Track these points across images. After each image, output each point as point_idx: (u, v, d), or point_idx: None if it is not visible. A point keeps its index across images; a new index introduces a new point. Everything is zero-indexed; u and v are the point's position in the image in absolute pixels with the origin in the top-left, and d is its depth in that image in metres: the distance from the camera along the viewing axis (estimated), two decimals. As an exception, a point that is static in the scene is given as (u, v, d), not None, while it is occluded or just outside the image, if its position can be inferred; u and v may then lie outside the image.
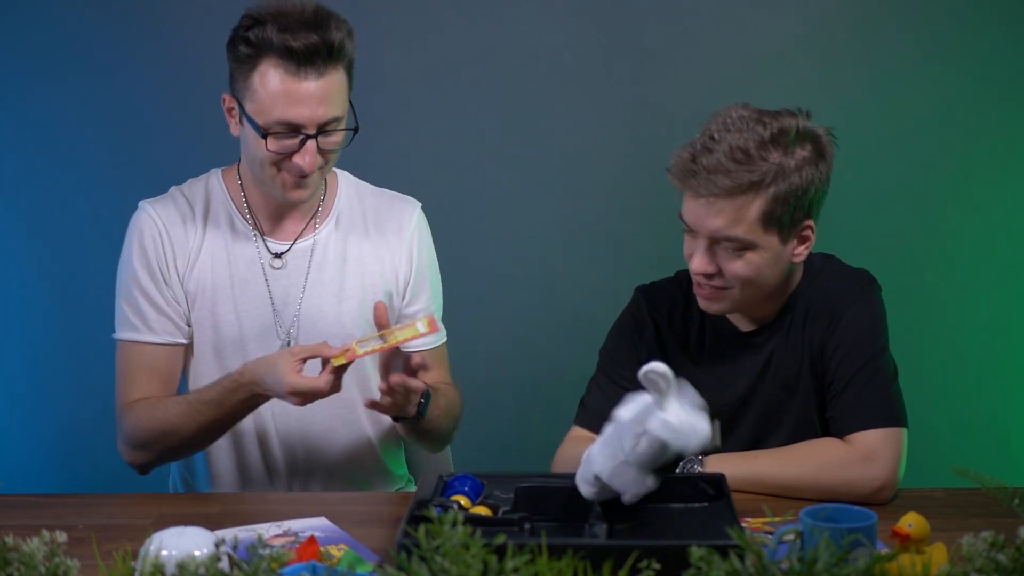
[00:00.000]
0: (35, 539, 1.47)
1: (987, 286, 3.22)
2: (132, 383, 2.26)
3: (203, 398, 2.20)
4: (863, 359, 2.09)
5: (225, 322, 2.28)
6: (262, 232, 2.31)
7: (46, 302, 3.27)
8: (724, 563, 1.39)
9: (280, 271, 2.30)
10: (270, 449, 2.32)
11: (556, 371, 3.24)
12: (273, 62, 2.12)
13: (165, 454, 2.26)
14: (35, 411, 3.30)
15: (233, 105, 2.20)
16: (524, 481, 1.87)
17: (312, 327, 2.29)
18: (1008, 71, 3.15)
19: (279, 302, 2.29)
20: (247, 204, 2.31)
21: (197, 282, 2.27)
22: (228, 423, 2.22)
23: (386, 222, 2.36)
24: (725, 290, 2.07)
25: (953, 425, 3.20)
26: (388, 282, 2.34)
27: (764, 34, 3.17)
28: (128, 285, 2.28)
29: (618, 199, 3.22)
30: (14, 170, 3.22)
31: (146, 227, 2.28)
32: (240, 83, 2.17)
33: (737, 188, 1.99)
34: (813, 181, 2.03)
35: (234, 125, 2.22)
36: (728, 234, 2.01)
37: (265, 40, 2.11)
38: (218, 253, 2.29)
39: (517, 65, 3.20)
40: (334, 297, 2.30)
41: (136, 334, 2.27)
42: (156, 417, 2.21)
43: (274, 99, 2.12)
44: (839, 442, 2.07)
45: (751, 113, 2.03)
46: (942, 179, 3.20)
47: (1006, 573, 1.41)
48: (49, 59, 3.18)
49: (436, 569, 1.39)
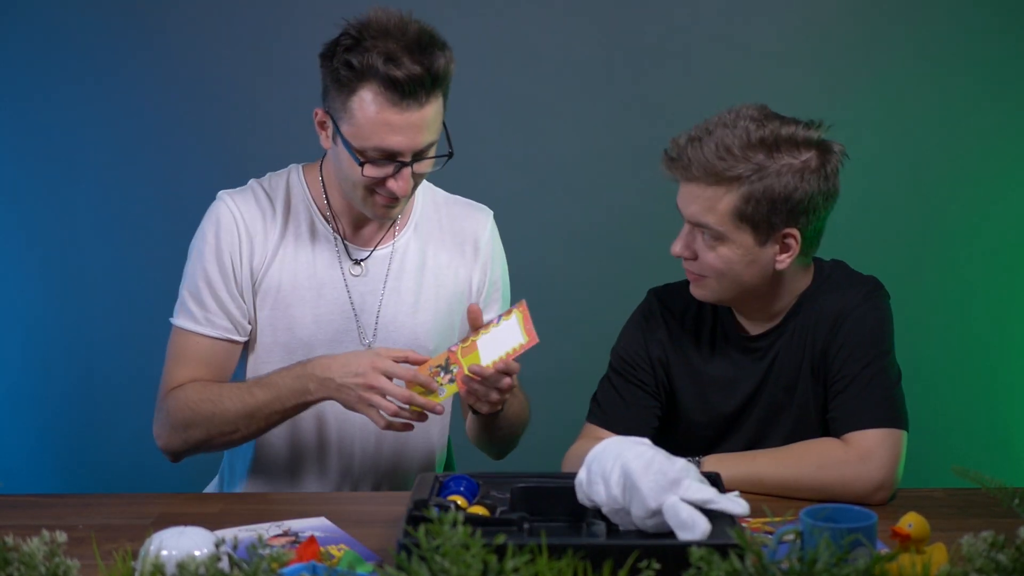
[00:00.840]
0: (35, 539, 1.47)
1: (987, 286, 3.22)
2: (182, 369, 2.22)
3: (259, 380, 2.17)
4: (866, 360, 2.10)
5: (300, 324, 2.24)
6: (343, 236, 2.28)
7: (46, 302, 3.27)
8: (724, 563, 1.39)
9: (359, 278, 2.28)
10: (326, 441, 2.29)
11: (557, 371, 3.24)
12: (375, 89, 2.07)
13: (205, 440, 2.19)
14: (35, 411, 3.30)
15: (326, 120, 2.16)
16: (520, 481, 1.87)
17: (388, 336, 2.27)
18: (1008, 71, 3.15)
19: (359, 308, 2.27)
20: (329, 206, 2.28)
21: (273, 282, 2.24)
22: (277, 411, 2.16)
23: (462, 231, 2.35)
24: (704, 278, 2.10)
25: (953, 425, 3.20)
26: (462, 292, 2.33)
27: (764, 34, 3.17)
28: (195, 274, 2.24)
29: (618, 199, 3.22)
30: (14, 170, 3.23)
31: (224, 219, 2.24)
32: (336, 103, 2.11)
33: (711, 179, 2.02)
34: (800, 190, 2.03)
35: (325, 138, 2.18)
36: (701, 221, 2.05)
37: (368, 67, 2.06)
38: (297, 254, 2.25)
39: (517, 65, 3.20)
40: (410, 307, 2.29)
41: (194, 324, 2.22)
42: (208, 396, 2.17)
43: (373, 127, 2.08)
44: (837, 442, 2.07)
45: (756, 114, 2.05)
46: (941, 179, 3.20)
47: (1006, 573, 1.41)
48: (49, 60, 3.18)
49: (436, 569, 1.39)
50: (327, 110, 2.15)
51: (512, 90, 3.21)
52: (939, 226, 3.22)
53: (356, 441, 2.30)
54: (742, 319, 2.19)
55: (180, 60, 3.15)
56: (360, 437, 2.29)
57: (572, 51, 3.19)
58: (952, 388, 3.23)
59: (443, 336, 2.31)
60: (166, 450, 2.24)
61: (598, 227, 3.24)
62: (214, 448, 2.24)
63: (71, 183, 3.22)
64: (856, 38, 3.17)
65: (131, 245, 3.21)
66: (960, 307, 3.22)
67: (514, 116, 3.22)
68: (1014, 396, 3.24)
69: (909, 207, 3.20)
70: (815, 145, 2.04)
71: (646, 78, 3.19)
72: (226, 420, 2.16)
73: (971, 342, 3.23)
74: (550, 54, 3.19)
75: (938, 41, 3.15)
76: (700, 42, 3.17)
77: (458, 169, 3.24)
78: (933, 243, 3.22)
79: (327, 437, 2.29)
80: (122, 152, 3.21)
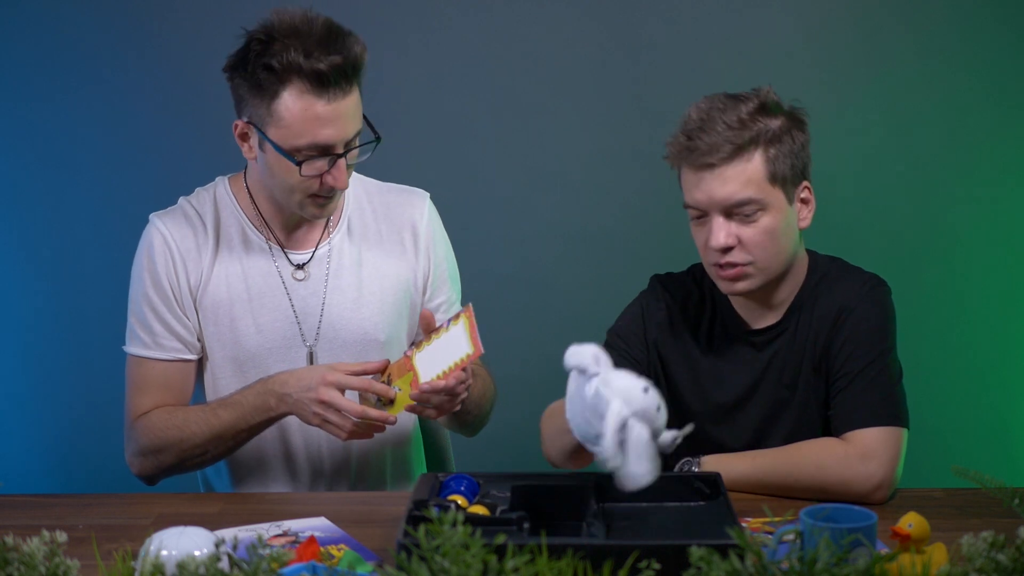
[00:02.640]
0: (35, 539, 1.47)
1: (987, 286, 3.22)
2: (143, 396, 2.25)
3: (223, 401, 2.20)
4: (868, 357, 2.10)
5: (245, 335, 2.26)
6: (280, 244, 2.29)
7: (46, 303, 3.27)
8: (724, 563, 1.40)
9: (302, 282, 2.28)
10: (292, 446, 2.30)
11: (557, 371, 3.23)
12: (299, 87, 2.08)
13: (177, 464, 2.23)
14: (35, 411, 3.30)
15: (248, 131, 2.16)
16: (520, 480, 1.87)
17: (335, 335, 2.28)
18: (1008, 71, 3.15)
19: (301, 313, 2.28)
20: (260, 215, 2.29)
21: (213, 298, 2.25)
22: (243, 430, 2.19)
23: (397, 219, 2.34)
24: (745, 266, 2.09)
25: (953, 425, 3.20)
26: (406, 281, 2.33)
27: (764, 34, 3.17)
28: (138, 301, 2.27)
29: (618, 199, 3.22)
30: (13, 171, 3.22)
31: (156, 243, 2.26)
32: (259, 110, 2.11)
33: (739, 148, 2.05)
34: (803, 144, 2.11)
35: (248, 150, 2.18)
36: (739, 198, 2.05)
37: (288, 65, 2.06)
38: (232, 267, 2.26)
39: (516, 65, 3.20)
40: (353, 303, 2.29)
41: (146, 350, 2.26)
42: (173, 423, 2.20)
43: (303, 124, 2.09)
44: (837, 441, 2.07)
45: (724, 96, 2.11)
46: (941, 179, 3.20)
47: (1006, 573, 1.41)
48: (47, 61, 3.18)
49: (436, 569, 1.39)
50: (248, 120, 2.14)
51: (512, 90, 3.21)
52: (939, 225, 3.21)
53: (323, 442, 2.30)
54: (743, 312, 2.19)
55: (180, 61, 3.15)
56: (326, 437, 2.29)
57: (572, 51, 3.19)
58: (952, 388, 3.23)
59: (394, 327, 2.31)
60: (140, 475, 2.27)
61: (598, 227, 3.24)
62: (187, 470, 2.27)
63: (70, 183, 3.22)
64: (856, 38, 3.16)
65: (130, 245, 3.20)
66: (960, 307, 3.22)
67: (514, 116, 3.22)
68: (1014, 396, 3.24)
69: (908, 206, 3.20)
70: (781, 105, 2.13)
71: (646, 78, 3.19)
72: (194, 444, 2.20)
73: (971, 342, 3.23)
74: (549, 54, 3.19)
75: (938, 41, 3.15)
76: (700, 42, 3.17)
77: (456, 169, 3.26)
78: (933, 242, 3.22)
79: (292, 441, 2.30)
80: (121, 153, 3.21)
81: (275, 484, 2.31)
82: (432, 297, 2.36)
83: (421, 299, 2.35)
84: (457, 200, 2.72)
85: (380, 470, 2.35)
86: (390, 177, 2.45)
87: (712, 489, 1.88)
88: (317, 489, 2.31)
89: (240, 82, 2.13)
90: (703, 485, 1.89)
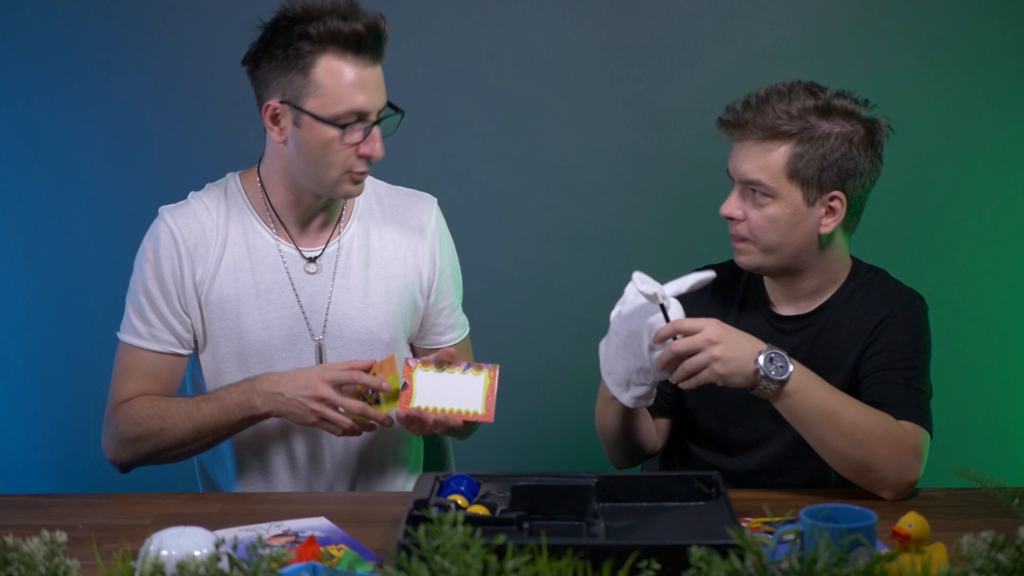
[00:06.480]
0: (35, 539, 1.47)
1: (987, 286, 3.22)
2: (129, 383, 2.26)
3: (206, 396, 2.21)
4: (911, 361, 2.14)
5: (251, 331, 2.26)
6: (292, 238, 2.29)
7: (46, 302, 3.27)
8: (724, 563, 1.40)
9: (313, 276, 2.28)
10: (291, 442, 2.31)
11: (557, 371, 3.24)
12: (336, 53, 2.11)
13: (153, 453, 2.23)
14: (35, 411, 3.30)
15: (281, 111, 2.16)
16: (520, 480, 1.87)
17: (341, 333, 2.28)
18: (1008, 71, 3.15)
19: (308, 308, 2.28)
20: (272, 210, 2.29)
21: (219, 293, 2.25)
22: (224, 426, 2.20)
23: (407, 220, 2.35)
24: (748, 241, 2.14)
25: (953, 425, 3.20)
26: (412, 283, 2.34)
27: (764, 34, 3.17)
28: (136, 291, 2.27)
29: (618, 199, 3.22)
30: (13, 170, 3.22)
31: (163, 238, 2.26)
32: (295, 84, 2.12)
33: (766, 134, 2.09)
34: (850, 157, 2.11)
35: (278, 133, 2.18)
36: (752, 178, 2.11)
37: (328, 31, 2.10)
38: (240, 263, 2.26)
39: (517, 65, 3.20)
40: (360, 302, 2.29)
41: (139, 340, 2.26)
42: (155, 412, 2.21)
43: (344, 89, 2.12)
44: (903, 428, 2.07)
45: (810, 84, 2.15)
46: (941, 179, 3.20)
47: (1006, 573, 1.42)
48: (47, 61, 3.18)
49: (436, 569, 1.39)
50: (282, 99, 2.15)
51: (513, 90, 3.21)
52: (939, 225, 3.22)
53: (324, 442, 2.31)
54: (772, 294, 2.22)
55: (179, 61, 3.14)
56: (326, 436, 2.30)
57: (572, 51, 3.19)
58: (952, 388, 3.22)
59: (398, 328, 2.32)
60: (115, 462, 2.27)
61: (598, 227, 3.24)
62: (163, 461, 2.27)
63: (69, 183, 3.22)
64: (856, 38, 3.16)
65: (131, 245, 3.20)
66: (960, 307, 3.22)
67: (515, 116, 3.21)
68: (1014, 396, 3.24)
69: (908, 206, 3.20)
70: (864, 119, 2.13)
71: (646, 78, 3.19)
72: (174, 436, 2.21)
73: (971, 342, 3.23)
74: (550, 54, 3.19)
75: (938, 41, 3.15)
76: (700, 42, 3.17)
77: (456, 169, 3.25)
78: (933, 242, 3.22)
79: (293, 440, 2.30)
80: (121, 152, 3.21)
81: (276, 480, 2.31)
82: (437, 300, 2.37)
83: (425, 302, 2.36)
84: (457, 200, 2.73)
85: (380, 470, 2.35)
86: (390, 176, 2.45)
87: (712, 489, 1.88)
88: (318, 488, 2.32)
89: (268, 65, 2.15)
90: (703, 485, 1.89)
